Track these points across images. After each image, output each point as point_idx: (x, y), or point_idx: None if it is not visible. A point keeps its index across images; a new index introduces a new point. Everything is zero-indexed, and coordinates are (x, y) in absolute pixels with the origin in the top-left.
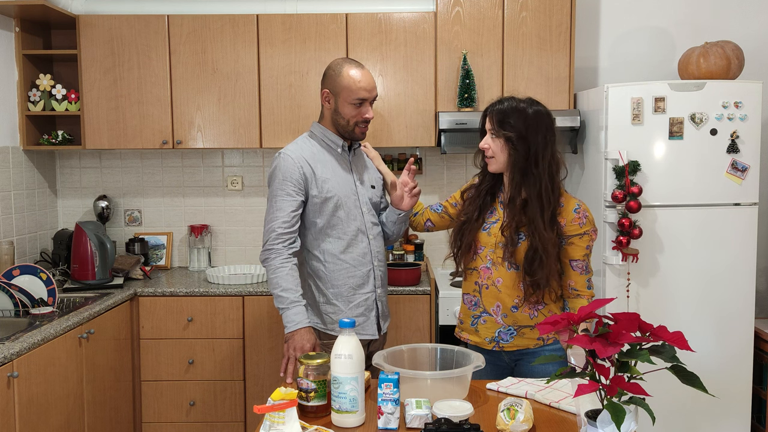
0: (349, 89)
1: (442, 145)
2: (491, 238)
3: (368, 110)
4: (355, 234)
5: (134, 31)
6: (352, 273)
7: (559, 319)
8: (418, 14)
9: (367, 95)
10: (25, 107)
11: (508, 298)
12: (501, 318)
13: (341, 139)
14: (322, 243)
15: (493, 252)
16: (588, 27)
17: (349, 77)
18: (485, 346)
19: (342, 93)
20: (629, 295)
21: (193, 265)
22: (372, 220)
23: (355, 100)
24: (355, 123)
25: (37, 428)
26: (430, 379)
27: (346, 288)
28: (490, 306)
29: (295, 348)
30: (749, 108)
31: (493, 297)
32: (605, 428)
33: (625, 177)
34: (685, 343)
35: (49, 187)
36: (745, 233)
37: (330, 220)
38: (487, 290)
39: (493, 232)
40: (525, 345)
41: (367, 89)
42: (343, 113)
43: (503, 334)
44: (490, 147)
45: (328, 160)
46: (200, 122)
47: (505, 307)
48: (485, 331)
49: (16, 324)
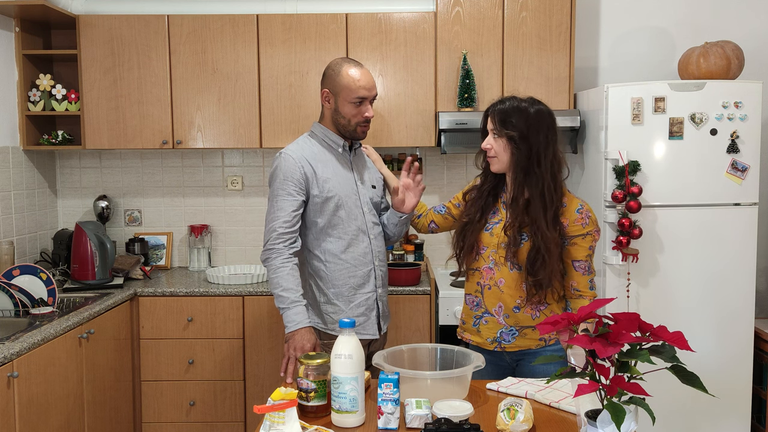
0: (348, 88)
1: (442, 145)
2: (494, 239)
3: (368, 109)
4: (356, 234)
5: (134, 31)
6: (353, 273)
7: (559, 319)
8: (418, 14)
9: (366, 94)
10: (25, 107)
11: (510, 299)
12: (503, 318)
13: (342, 139)
14: (323, 243)
15: (495, 252)
16: (588, 27)
17: (349, 76)
18: (487, 346)
19: (342, 92)
20: (629, 295)
21: (193, 265)
22: (373, 219)
23: (355, 99)
24: (357, 123)
25: (37, 428)
26: (430, 379)
27: (347, 288)
28: (492, 306)
29: (296, 348)
30: (749, 108)
31: (495, 297)
32: (605, 428)
33: (625, 177)
34: (685, 343)
35: (49, 187)
36: (745, 233)
37: (331, 219)
38: (490, 291)
39: (495, 233)
40: (527, 346)
41: (366, 88)
42: (344, 112)
43: (505, 334)
44: (492, 147)
45: (329, 159)
46: (200, 122)
47: (507, 307)
48: (487, 331)
49: (16, 324)
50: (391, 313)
